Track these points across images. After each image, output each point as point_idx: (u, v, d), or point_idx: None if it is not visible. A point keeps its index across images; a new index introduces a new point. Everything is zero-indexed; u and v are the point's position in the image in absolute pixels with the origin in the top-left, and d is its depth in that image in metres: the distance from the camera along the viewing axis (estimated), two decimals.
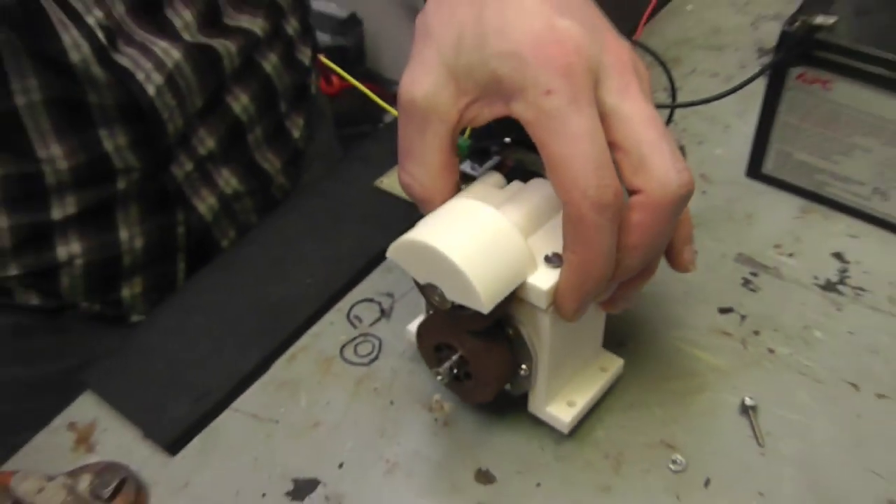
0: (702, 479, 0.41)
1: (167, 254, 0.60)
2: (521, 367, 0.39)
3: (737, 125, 0.60)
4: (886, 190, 0.50)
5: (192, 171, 0.58)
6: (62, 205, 0.53)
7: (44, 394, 0.55)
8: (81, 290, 0.57)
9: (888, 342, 0.46)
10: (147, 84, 0.51)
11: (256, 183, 0.64)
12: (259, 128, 0.63)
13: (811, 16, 0.48)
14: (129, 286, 0.59)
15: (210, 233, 0.62)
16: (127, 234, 0.57)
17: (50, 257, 0.55)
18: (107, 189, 0.54)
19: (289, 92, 0.65)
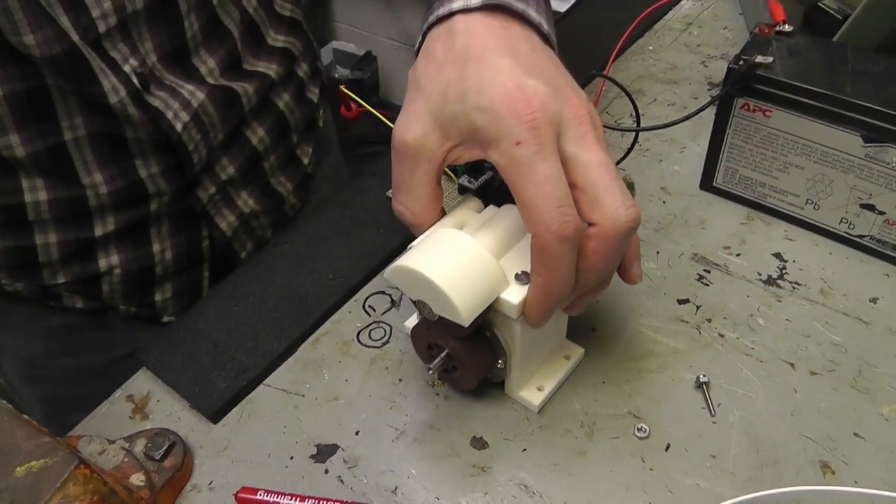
0: (663, 445, 0.40)
1: (194, 264, 0.60)
2: (498, 361, 0.40)
3: (691, 146, 0.59)
4: (817, 200, 0.50)
5: (215, 194, 0.58)
6: (103, 223, 0.53)
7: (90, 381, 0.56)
8: (120, 295, 0.58)
9: (819, 328, 0.45)
10: (175, 122, 0.51)
11: (271, 203, 0.64)
12: (273, 156, 0.62)
13: (752, 56, 0.48)
14: (161, 291, 0.60)
15: (231, 246, 0.62)
16: (159, 248, 0.57)
17: (93, 268, 0.55)
18: (141, 210, 0.54)
19: (299, 125, 0.65)
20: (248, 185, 0.61)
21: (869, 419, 0.40)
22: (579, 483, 0.39)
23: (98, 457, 0.39)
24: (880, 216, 0.47)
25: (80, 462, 0.33)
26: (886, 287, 0.47)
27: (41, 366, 0.61)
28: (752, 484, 0.38)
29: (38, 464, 0.32)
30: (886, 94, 0.44)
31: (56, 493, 0.32)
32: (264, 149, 0.61)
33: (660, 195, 0.55)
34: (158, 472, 0.39)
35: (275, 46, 0.60)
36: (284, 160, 0.64)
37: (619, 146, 0.60)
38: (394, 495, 0.39)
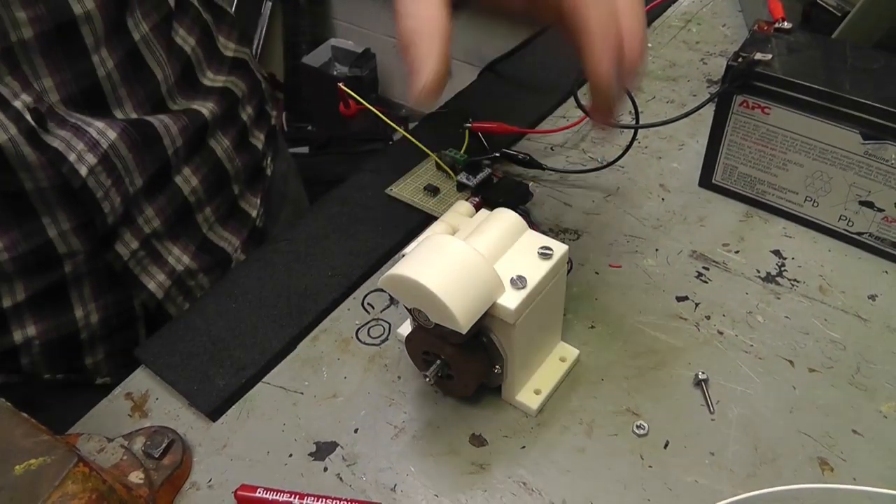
0: (662, 442, 0.40)
1: (126, 324, 0.54)
2: (495, 366, 0.40)
3: (690, 143, 0.59)
4: (816, 198, 0.50)
5: (139, 250, 0.51)
6: (11, 293, 0.47)
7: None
8: (43, 366, 0.51)
9: (818, 325, 0.45)
10: (79, 165, 0.45)
11: (212, 260, 0.57)
12: (209, 208, 0.56)
13: (751, 53, 0.48)
14: (92, 355, 0.53)
15: (162, 308, 0.55)
16: (82, 312, 0.50)
17: (7, 341, 0.48)
18: (54, 274, 0.48)
19: (241, 174, 0.58)
20: (178, 238, 0.54)
21: (867, 416, 0.40)
22: (578, 480, 0.39)
23: (97, 455, 0.39)
24: (879, 213, 0.47)
25: (78, 460, 0.33)
26: (885, 284, 0.47)
27: None
28: (751, 481, 0.38)
29: (37, 462, 0.32)
30: (885, 92, 0.44)
31: (55, 491, 0.32)
32: (196, 199, 0.54)
33: (658, 192, 0.55)
34: (157, 470, 0.39)
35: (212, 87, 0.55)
36: (224, 212, 0.57)
37: (617, 143, 0.60)
38: (393, 493, 0.39)
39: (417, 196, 0.55)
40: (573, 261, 0.50)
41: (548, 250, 0.38)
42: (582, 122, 0.61)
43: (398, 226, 0.53)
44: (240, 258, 0.60)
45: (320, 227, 0.54)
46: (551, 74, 0.67)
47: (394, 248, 0.52)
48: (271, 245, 0.53)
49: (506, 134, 0.59)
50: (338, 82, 0.59)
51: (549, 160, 0.59)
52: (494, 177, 0.55)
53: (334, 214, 0.55)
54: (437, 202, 0.54)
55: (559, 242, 0.39)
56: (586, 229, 0.53)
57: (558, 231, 0.53)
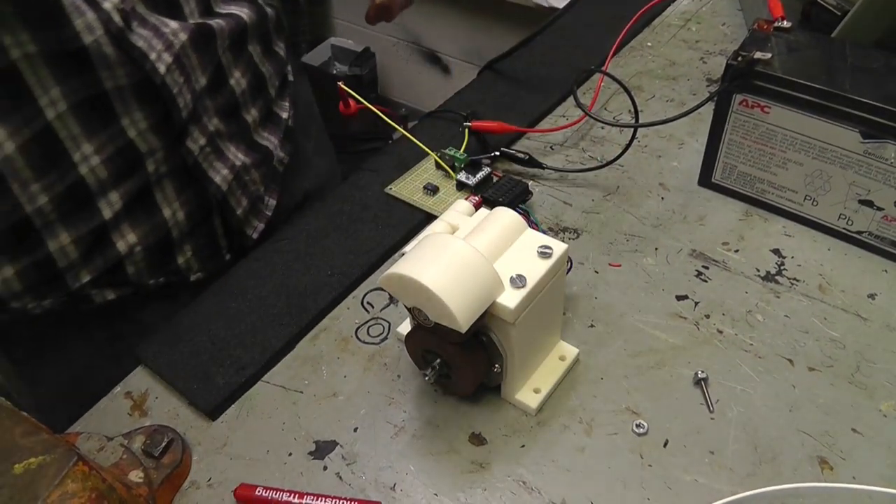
0: (661, 441, 0.40)
1: (205, 218, 0.59)
2: (495, 365, 0.40)
3: (689, 142, 0.59)
4: (815, 197, 0.50)
5: (206, 146, 0.55)
6: (109, 203, 0.51)
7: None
8: (146, 272, 0.56)
9: (817, 324, 0.45)
10: (159, 64, 0.48)
11: (259, 157, 0.62)
12: (254, 109, 0.61)
13: (751, 52, 0.48)
14: (182, 253, 0.58)
15: (227, 201, 0.59)
16: (170, 211, 0.55)
17: (113, 254, 0.53)
18: (140, 176, 0.52)
19: (273, 79, 0.63)
20: (233, 137, 0.59)
21: (867, 415, 0.40)
22: (578, 479, 0.39)
23: (97, 453, 0.39)
24: (879, 212, 0.47)
25: (78, 459, 0.33)
26: (884, 283, 0.47)
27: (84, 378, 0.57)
28: (751, 480, 0.38)
29: (37, 461, 0.32)
30: (885, 91, 0.44)
31: (55, 489, 0.32)
32: (244, 101, 0.59)
33: (658, 191, 0.55)
34: (157, 469, 0.39)
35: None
36: (264, 115, 0.63)
37: (617, 142, 0.60)
38: (392, 492, 0.39)
39: (417, 195, 0.55)
40: (573, 260, 0.50)
41: (547, 249, 0.38)
42: (581, 121, 0.61)
43: (398, 225, 0.53)
44: (279, 155, 0.64)
45: (320, 226, 0.54)
46: (551, 73, 0.67)
47: (393, 247, 0.52)
48: (271, 244, 0.53)
49: (505, 133, 0.59)
50: (337, 81, 0.59)
51: (549, 159, 0.59)
52: (494, 176, 0.55)
53: (334, 213, 0.55)
54: (436, 201, 0.54)
55: (559, 241, 0.39)
56: (586, 228, 0.53)
57: (558, 230, 0.53)
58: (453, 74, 1.76)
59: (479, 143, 0.59)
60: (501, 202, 0.51)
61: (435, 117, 0.63)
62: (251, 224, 0.63)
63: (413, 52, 1.79)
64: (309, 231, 0.53)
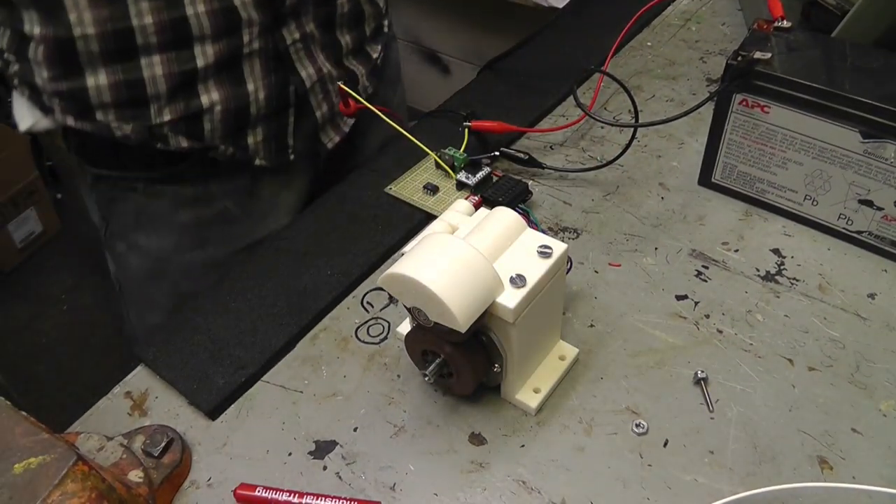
0: (661, 441, 0.40)
1: (281, 108, 0.62)
2: (494, 365, 0.40)
3: (689, 142, 0.59)
4: (815, 196, 0.50)
5: (298, 41, 0.61)
6: (204, 54, 0.55)
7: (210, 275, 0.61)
8: (219, 135, 0.60)
9: (817, 324, 0.45)
10: None
11: (345, 74, 0.66)
12: (348, 36, 0.66)
13: (751, 51, 0.48)
14: (254, 134, 0.62)
15: (307, 98, 0.64)
16: (253, 87, 0.59)
17: (196, 104, 0.57)
18: (235, 41, 0.56)
19: (371, 20, 0.68)
20: (325, 48, 0.64)
21: (867, 415, 0.40)
22: (577, 479, 0.39)
23: (96, 453, 0.39)
24: (878, 212, 0.47)
25: (78, 459, 0.33)
26: (884, 283, 0.47)
27: (169, 260, 0.65)
28: (750, 479, 0.38)
29: (37, 460, 0.32)
30: (885, 90, 0.44)
31: (54, 489, 0.32)
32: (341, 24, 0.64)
33: (658, 191, 0.55)
34: (157, 469, 0.39)
35: None
36: (357, 47, 0.67)
37: (617, 142, 0.60)
38: (392, 491, 0.39)
39: (417, 195, 0.55)
40: (572, 259, 0.50)
41: (547, 249, 0.38)
42: (581, 120, 0.61)
43: (397, 225, 0.53)
44: (365, 83, 0.69)
45: (320, 226, 0.54)
46: (550, 73, 0.67)
47: (393, 247, 0.52)
48: (271, 244, 0.53)
49: (505, 132, 0.59)
50: (338, 81, 0.59)
51: (549, 159, 0.59)
52: (494, 175, 0.55)
53: (334, 213, 0.55)
54: (436, 201, 0.54)
55: (558, 241, 0.39)
56: (586, 228, 0.53)
57: (558, 230, 0.53)
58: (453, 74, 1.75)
59: (479, 142, 0.59)
60: (501, 202, 0.51)
61: (435, 117, 0.63)
62: (328, 134, 0.68)
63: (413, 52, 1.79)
64: (309, 231, 0.53)
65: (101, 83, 0.54)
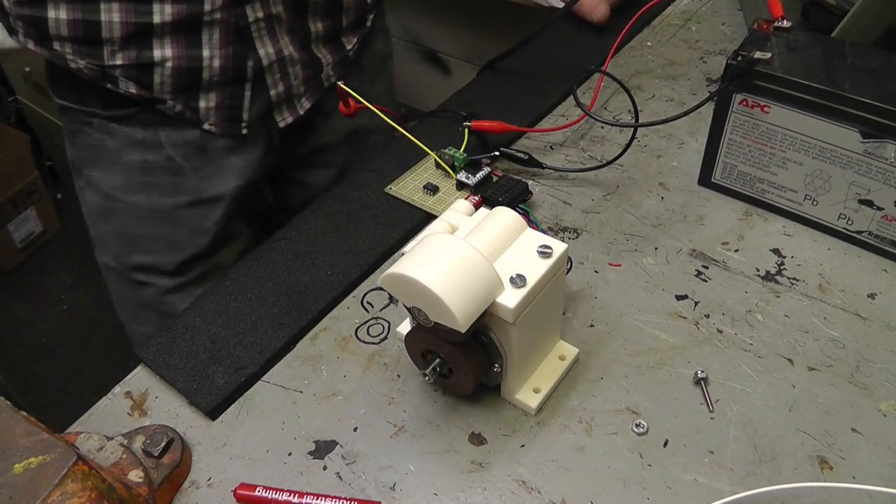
0: (661, 440, 0.40)
1: (237, 80, 0.64)
2: (494, 365, 0.40)
3: (689, 142, 0.59)
4: (815, 196, 0.50)
5: (261, 20, 0.62)
6: (161, 12, 0.58)
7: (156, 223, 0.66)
8: (169, 89, 0.62)
9: (817, 323, 0.45)
10: None
11: (309, 60, 0.68)
12: (321, 24, 0.67)
13: (751, 51, 0.48)
14: (206, 99, 0.64)
15: (263, 77, 0.65)
16: (208, 53, 0.61)
17: (147, 55, 0.60)
18: (195, 6, 0.58)
19: (351, 12, 0.70)
20: (290, 32, 0.65)
21: (867, 415, 0.40)
22: (577, 479, 0.39)
23: (96, 453, 0.39)
24: (878, 212, 0.47)
25: (78, 458, 0.33)
26: (884, 282, 0.47)
27: (118, 199, 0.68)
28: (750, 479, 0.38)
29: (37, 460, 0.32)
30: (885, 90, 0.44)
31: (54, 489, 0.32)
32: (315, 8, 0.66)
33: (658, 191, 0.55)
34: (157, 469, 0.39)
35: None
36: (329, 36, 0.69)
37: (617, 142, 0.60)
38: (392, 491, 0.39)
39: (417, 195, 0.55)
40: (572, 259, 0.50)
41: (547, 249, 0.38)
42: (581, 120, 0.61)
43: (397, 224, 0.53)
44: (329, 73, 0.71)
45: (320, 226, 0.54)
46: (551, 73, 0.67)
47: (393, 247, 0.52)
48: (271, 244, 0.53)
49: (505, 132, 0.59)
50: (338, 81, 0.59)
51: (549, 159, 0.59)
52: (494, 175, 0.55)
53: (334, 213, 0.55)
54: (436, 201, 0.54)
55: (558, 241, 0.39)
56: (586, 228, 0.53)
57: (558, 230, 0.53)
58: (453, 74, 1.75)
59: (479, 142, 0.59)
60: (501, 202, 0.51)
61: (435, 117, 0.63)
62: (282, 113, 0.69)
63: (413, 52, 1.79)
64: (309, 231, 0.53)
65: (61, 17, 0.58)
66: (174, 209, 0.68)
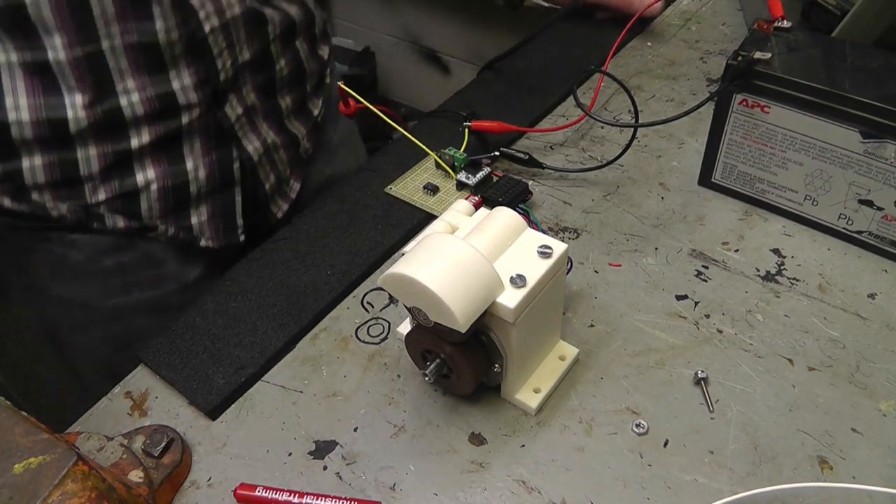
0: (661, 441, 0.40)
1: (226, 185, 0.62)
2: (494, 365, 0.40)
3: (689, 142, 0.59)
4: (815, 196, 0.50)
5: (242, 116, 0.61)
6: (139, 135, 0.55)
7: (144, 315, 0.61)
8: (158, 213, 0.59)
9: (817, 324, 0.45)
10: (205, 23, 0.54)
11: (288, 140, 0.67)
12: (289, 97, 0.66)
13: (751, 51, 0.48)
14: (197, 213, 0.61)
15: (256, 172, 0.64)
16: (192, 165, 0.59)
17: (130, 182, 0.57)
18: (174, 123, 0.56)
19: (313, 77, 0.68)
20: (268, 117, 0.64)
21: (867, 415, 0.40)
22: (578, 479, 0.39)
23: (96, 453, 0.39)
24: (878, 212, 0.47)
25: (78, 459, 0.33)
26: (884, 283, 0.47)
27: (95, 307, 0.63)
28: (750, 479, 0.38)
29: (37, 460, 0.32)
30: (885, 90, 0.44)
31: (54, 489, 0.32)
32: (282, 87, 0.64)
33: (658, 191, 0.55)
34: (157, 469, 0.39)
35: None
36: (298, 106, 0.68)
37: (617, 142, 0.60)
38: (392, 491, 0.39)
39: (417, 195, 0.55)
40: (573, 259, 0.50)
41: (547, 249, 0.38)
42: (581, 120, 0.61)
43: (398, 224, 0.53)
44: (305, 145, 0.70)
45: (320, 226, 0.54)
46: (551, 73, 0.67)
47: (393, 247, 0.52)
48: (271, 244, 0.53)
49: (505, 132, 0.59)
50: (338, 81, 0.59)
51: (549, 159, 0.59)
52: (494, 175, 0.55)
53: (334, 213, 0.55)
54: (436, 201, 0.54)
55: (559, 241, 0.39)
56: (586, 228, 0.53)
57: (558, 230, 0.53)
58: (453, 74, 1.75)
59: (479, 142, 0.59)
60: (501, 202, 0.51)
61: (435, 117, 0.63)
62: (277, 203, 0.67)
63: (413, 52, 1.79)
64: (309, 231, 0.53)
65: (36, 164, 0.54)
66: (161, 298, 0.64)
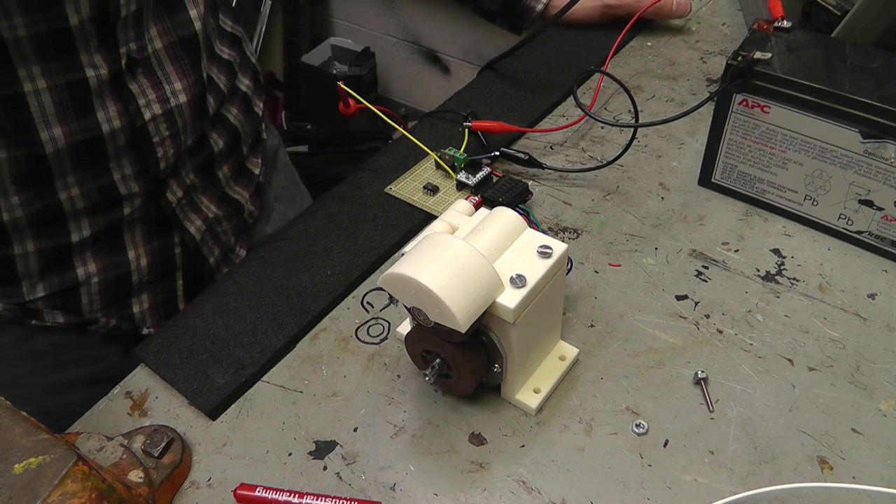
0: (661, 440, 0.40)
1: (167, 272, 0.60)
2: (494, 365, 0.40)
3: (689, 142, 0.59)
4: (815, 196, 0.50)
5: (182, 198, 0.58)
6: (79, 229, 0.53)
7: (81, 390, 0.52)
8: (99, 307, 0.57)
9: (817, 324, 0.45)
10: (145, 111, 0.51)
11: (231, 209, 0.64)
12: (226, 166, 0.63)
13: (751, 51, 0.48)
14: (139, 302, 0.59)
15: (200, 251, 0.62)
16: (134, 255, 0.57)
17: (71, 277, 0.54)
18: (115, 214, 0.54)
19: (248, 137, 0.66)
20: (207, 191, 0.61)
21: (867, 415, 0.40)
22: (578, 479, 0.39)
23: (96, 453, 0.39)
24: (878, 212, 0.47)
25: (78, 459, 0.33)
26: (884, 283, 0.47)
27: (28, 385, 0.59)
28: (750, 480, 0.38)
29: (37, 460, 0.32)
30: (885, 90, 0.44)
31: (54, 489, 0.32)
32: (220, 157, 0.62)
33: (658, 191, 0.55)
34: (157, 469, 0.39)
35: (221, 57, 0.61)
36: (236, 171, 0.65)
37: (617, 142, 0.60)
38: (392, 492, 0.39)
39: (417, 195, 0.55)
40: (573, 260, 0.50)
41: (547, 249, 0.38)
42: (581, 120, 0.61)
43: (397, 225, 0.53)
44: (250, 209, 0.67)
45: (320, 226, 0.54)
46: (551, 73, 0.67)
47: (393, 247, 0.52)
48: (271, 244, 0.53)
49: (505, 133, 0.59)
50: (337, 81, 0.59)
51: (549, 159, 0.59)
52: (494, 176, 0.55)
53: (334, 213, 0.55)
54: (436, 201, 0.54)
55: (559, 241, 0.39)
56: (586, 228, 0.53)
57: (558, 230, 0.53)
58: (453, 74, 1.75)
59: (479, 143, 0.59)
60: (501, 202, 0.51)
61: (435, 117, 0.63)
62: (222, 272, 0.65)
63: (413, 52, 1.79)
64: (309, 231, 0.53)
65: None
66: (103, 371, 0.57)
